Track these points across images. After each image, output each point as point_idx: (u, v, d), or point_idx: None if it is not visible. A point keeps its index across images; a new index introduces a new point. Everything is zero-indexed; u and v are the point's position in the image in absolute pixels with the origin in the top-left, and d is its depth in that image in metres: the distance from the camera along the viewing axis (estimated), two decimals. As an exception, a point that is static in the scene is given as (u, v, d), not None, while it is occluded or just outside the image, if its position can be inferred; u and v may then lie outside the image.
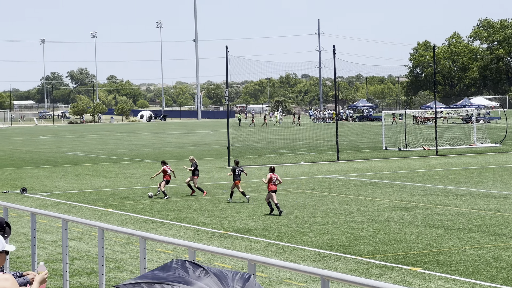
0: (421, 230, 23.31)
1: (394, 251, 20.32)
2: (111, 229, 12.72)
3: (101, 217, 27.50)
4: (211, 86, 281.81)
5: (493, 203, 28.79)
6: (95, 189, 36.22)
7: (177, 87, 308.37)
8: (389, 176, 39.50)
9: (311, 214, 26.92)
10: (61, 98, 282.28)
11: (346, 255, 20.00)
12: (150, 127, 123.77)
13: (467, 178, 37.88)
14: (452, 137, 68.34)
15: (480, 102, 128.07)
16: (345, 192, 33.24)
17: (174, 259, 5.40)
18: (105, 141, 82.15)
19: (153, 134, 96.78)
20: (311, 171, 43.29)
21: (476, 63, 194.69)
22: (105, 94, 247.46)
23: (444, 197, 30.79)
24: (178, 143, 74.65)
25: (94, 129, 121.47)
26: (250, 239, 22.53)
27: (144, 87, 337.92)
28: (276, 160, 51.14)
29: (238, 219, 26.20)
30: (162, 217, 27.22)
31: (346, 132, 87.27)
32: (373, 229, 23.58)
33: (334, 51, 51.51)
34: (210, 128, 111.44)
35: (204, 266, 5.49)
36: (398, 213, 26.77)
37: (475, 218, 25.32)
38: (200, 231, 24.13)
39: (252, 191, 34.07)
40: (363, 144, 67.11)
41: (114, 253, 20.24)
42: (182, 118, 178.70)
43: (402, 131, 63.21)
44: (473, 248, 20.42)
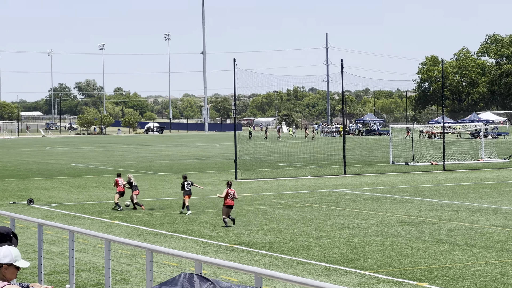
0: (428, 245, 23.22)
1: (400, 266, 20.24)
2: (118, 241, 12.69)
3: (107, 229, 27.48)
4: (218, 99, 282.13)
5: (501, 218, 28.68)
6: (101, 201, 36.22)
7: (185, 99, 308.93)
8: (396, 191, 39.40)
9: (317, 228, 26.85)
10: (68, 109, 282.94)
11: (352, 269, 19.92)
12: (157, 140, 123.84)
13: (474, 193, 37.77)
14: (460, 152, 68.21)
15: (488, 117, 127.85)
16: (352, 206, 33.16)
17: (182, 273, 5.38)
18: (111, 153, 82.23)
19: (159, 147, 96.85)
20: (318, 184, 43.23)
21: (484, 78, 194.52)
22: (112, 106, 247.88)
23: (452, 212, 30.69)
24: (185, 155, 74.66)
25: (101, 141, 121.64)
26: (257, 253, 22.47)
27: (151, 99, 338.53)
28: (283, 173, 51.11)
29: (244, 232, 26.15)
30: (168, 229, 27.18)
31: (353, 146, 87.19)
32: (379, 244, 23.49)
33: (342, 65, 51.55)
34: (217, 141, 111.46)
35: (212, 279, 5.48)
36: (405, 228, 26.68)
37: (483, 233, 25.22)
38: (207, 244, 24.08)
39: (259, 204, 34.04)
40: (370, 158, 67.02)
41: (120, 265, 20.21)
42: (189, 130, 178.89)
43: (410, 146, 63.12)
44: (480, 264, 20.32)
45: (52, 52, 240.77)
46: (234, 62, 47.76)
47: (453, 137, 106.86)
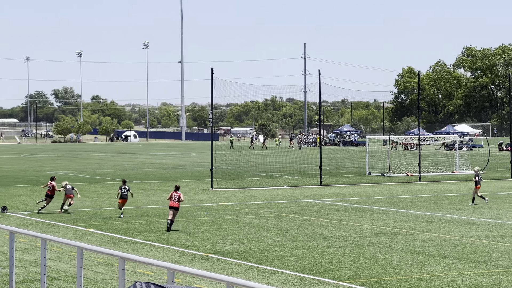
0: (402, 256, 23.34)
1: (375, 277, 20.32)
2: (90, 249, 12.66)
3: (82, 237, 27.38)
4: (195, 108, 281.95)
5: (474, 230, 28.88)
6: (76, 209, 36.06)
7: (162, 108, 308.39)
8: (371, 202, 39.56)
9: (292, 238, 26.90)
10: (45, 116, 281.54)
11: (327, 279, 19.98)
12: (135, 148, 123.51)
13: (448, 204, 37.99)
14: (435, 164, 68.55)
15: (463, 129, 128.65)
16: (327, 216, 33.25)
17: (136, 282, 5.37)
18: (88, 160, 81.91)
19: (136, 155, 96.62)
20: (294, 195, 43.30)
21: (460, 90, 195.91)
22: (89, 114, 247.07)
23: (426, 223, 30.86)
24: (161, 164, 74.52)
25: (78, 148, 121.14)
26: (231, 262, 22.48)
27: (129, 107, 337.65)
28: (259, 183, 51.14)
29: (219, 242, 26.15)
30: (144, 238, 27.13)
31: (330, 157, 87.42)
32: (354, 254, 23.58)
33: (319, 75, 51.71)
34: (194, 150, 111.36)
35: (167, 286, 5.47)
36: (380, 238, 26.79)
37: (456, 244, 25.38)
38: (182, 253, 24.06)
39: (235, 214, 34.05)
40: (347, 169, 67.23)
41: (94, 273, 20.14)
42: (167, 139, 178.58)
43: (386, 157, 63.38)
44: (453, 275, 20.45)
45: (29, 59, 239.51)
46: (211, 72, 47.80)
47: (429, 149, 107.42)
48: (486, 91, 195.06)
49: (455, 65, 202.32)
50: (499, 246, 25.19)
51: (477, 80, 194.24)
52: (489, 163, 66.05)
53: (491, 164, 67.23)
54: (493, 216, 33.28)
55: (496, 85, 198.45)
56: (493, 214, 34.02)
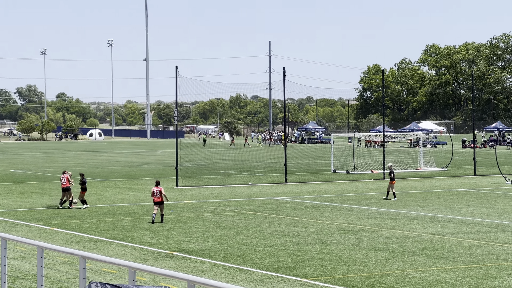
0: (366, 253, 23.47)
1: (339, 274, 20.42)
2: (51, 248, 12.58)
3: (46, 235, 27.19)
4: (161, 106, 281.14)
5: (437, 226, 29.13)
6: (40, 208, 35.81)
7: (128, 106, 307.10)
8: (336, 199, 39.72)
9: (257, 236, 26.94)
10: (8, 114, 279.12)
11: (291, 277, 20.04)
12: (99, 146, 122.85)
13: (413, 201, 38.27)
14: (400, 161, 68.98)
15: (427, 126, 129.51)
16: (292, 214, 33.33)
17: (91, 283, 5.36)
18: (52, 159, 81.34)
19: (101, 153, 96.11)
20: (259, 192, 43.35)
21: (424, 88, 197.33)
22: (53, 112, 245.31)
23: (390, 220, 31.06)
24: (127, 162, 74.22)
25: (42, 147, 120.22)
26: (196, 260, 22.46)
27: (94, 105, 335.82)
28: (224, 181, 51.13)
29: (184, 240, 26.12)
30: (108, 236, 27.01)
31: (295, 154, 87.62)
32: (319, 252, 23.67)
33: (284, 73, 51.80)
34: (159, 148, 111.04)
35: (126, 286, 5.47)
36: (344, 235, 26.92)
37: (420, 241, 25.58)
38: (146, 251, 23.99)
39: (200, 211, 34.03)
40: (312, 166, 67.43)
41: (57, 272, 20.02)
42: (132, 137, 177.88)
43: (351, 154, 63.67)
44: (417, 271, 20.61)
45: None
46: (176, 69, 47.67)
47: (394, 146, 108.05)
48: (450, 89, 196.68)
49: (419, 63, 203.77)
50: (462, 242, 25.43)
51: (440, 77, 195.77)
52: (452, 159, 66.62)
53: (454, 161, 67.84)
54: (456, 212, 33.59)
55: (460, 82, 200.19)
56: (456, 210, 34.34)
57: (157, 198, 30.07)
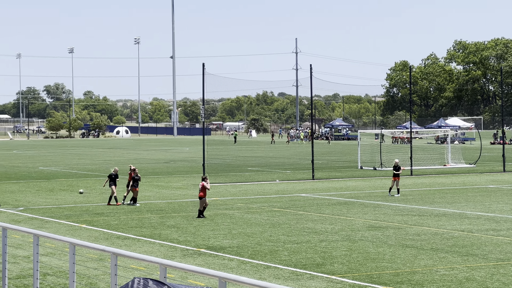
0: (395, 249, 23.38)
1: (367, 271, 20.36)
2: (82, 245, 12.65)
3: (74, 232, 27.35)
4: (187, 103, 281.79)
5: (466, 223, 28.95)
6: (69, 205, 36.04)
7: (154, 103, 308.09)
8: (363, 196, 39.61)
9: (285, 233, 26.92)
10: (36, 112, 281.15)
11: (319, 274, 20.01)
12: (126, 143, 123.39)
13: (441, 198, 38.07)
14: (427, 157, 68.68)
15: (455, 123, 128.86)
16: (319, 211, 33.27)
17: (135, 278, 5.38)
18: (80, 156, 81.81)
19: (128, 150, 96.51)
20: (286, 189, 43.32)
21: (451, 84, 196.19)
22: (79, 110, 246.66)
23: (418, 217, 30.92)
24: (153, 159, 74.47)
25: (70, 144, 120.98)
26: (224, 257, 22.49)
27: (120, 103, 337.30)
28: (251, 178, 51.15)
29: (212, 237, 26.16)
30: (136, 233, 27.12)
31: (322, 151, 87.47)
32: (347, 248, 23.62)
33: (311, 69, 51.69)
34: (186, 145, 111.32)
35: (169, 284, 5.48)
36: (372, 232, 26.84)
37: (448, 238, 25.44)
38: (174, 248, 24.06)
39: (227, 209, 34.07)
40: (339, 163, 67.28)
41: (86, 269, 20.14)
42: (158, 134, 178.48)
43: (378, 151, 63.45)
44: (446, 268, 20.50)
45: (21, 55, 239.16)
46: (203, 67, 47.75)
47: (421, 142, 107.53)
48: (478, 85, 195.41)
49: (446, 59, 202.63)
50: (491, 239, 25.26)
51: (469, 73, 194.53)
52: (481, 156, 66.21)
53: (483, 157, 67.39)
54: (485, 209, 33.37)
55: (488, 78, 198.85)
56: (485, 207, 34.11)
57: (199, 193, 30.91)
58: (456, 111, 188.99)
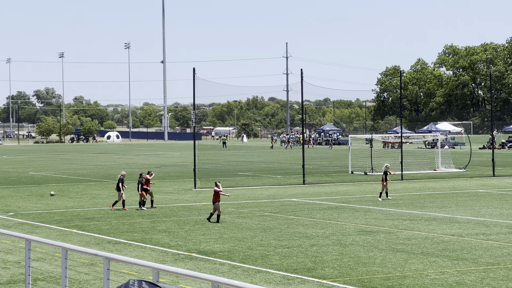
0: (385, 254, 23.45)
1: (358, 275, 20.42)
2: (74, 249, 12.67)
3: (65, 237, 27.33)
4: (178, 108, 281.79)
5: (456, 227, 29.06)
6: (59, 210, 36.00)
7: (144, 108, 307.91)
8: (354, 200, 39.68)
9: (276, 237, 26.97)
10: (27, 117, 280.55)
11: (310, 278, 20.06)
12: (117, 148, 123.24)
13: (431, 202, 38.18)
14: (417, 162, 68.84)
15: (445, 127, 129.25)
16: (310, 215, 33.33)
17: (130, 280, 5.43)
18: (71, 161, 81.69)
19: (119, 155, 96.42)
20: (277, 194, 43.38)
21: (441, 89, 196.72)
22: (70, 115, 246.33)
23: (409, 221, 31.01)
24: (144, 164, 74.41)
25: (60, 149, 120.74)
26: (215, 261, 22.52)
27: (111, 108, 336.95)
28: (242, 182, 51.19)
29: (203, 241, 26.19)
30: (127, 238, 27.12)
31: (313, 156, 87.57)
32: (337, 253, 23.67)
33: (301, 74, 51.76)
34: (177, 150, 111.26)
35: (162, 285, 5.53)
36: (363, 237, 26.90)
37: (439, 242, 25.53)
38: (165, 253, 24.08)
39: (217, 214, 34.09)
40: (329, 168, 67.38)
41: (78, 274, 20.13)
42: (149, 139, 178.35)
43: (368, 155, 63.59)
44: (436, 273, 20.58)
45: (11, 60, 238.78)
46: (193, 71, 47.82)
47: (411, 147, 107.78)
48: (468, 90, 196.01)
49: (436, 64, 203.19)
50: (482, 243, 25.36)
51: (458, 78, 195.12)
52: (471, 161, 66.39)
53: (473, 162, 67.59)
54: (475, 213, 33.49)
55: (478, 83, 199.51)
56: (475, 211, 34.23)
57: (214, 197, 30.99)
58: (446, 116, 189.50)
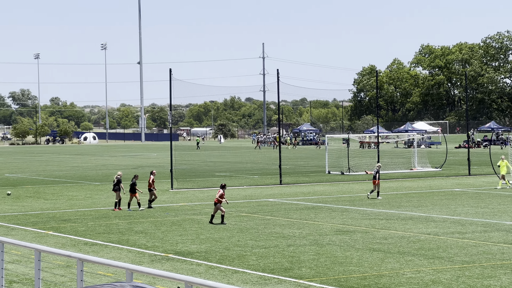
0: (362, 253, 23.52)
1: (335, 274, 20.46)
2: (48, 251, 12.60)
3: (41, 239, 27.19)
4: (155, 109, 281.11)
5: (432, 226, 29.19)
6: (36, 212, 35.80)
7: (121, 109, 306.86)
8: (331, 200, 39.76)
9: (253, 238, 26.97)
10: (2, 119, 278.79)
11: (287, 278, 20.07)
12: (94, 150, 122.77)
13: (407, 202, 38.33)
14: (394, 162, 69.08)
15: (422, 127, 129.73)
16: (287, 215, 33.35)
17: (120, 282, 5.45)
18: (47, 163, 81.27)
19: (96, 156, 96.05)
20: (253, 194, 43.38)
21: (417, 88, 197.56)
22: (46, 116, 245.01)
23: (385, 220, 31.11)
24: (121, 165, 74.17)
25: (36, 151, 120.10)
26: (192, 262, 22.49)
27: (88, 109, 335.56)
28: (219, 183, 51.04)
29: (180, 242, 26.14)
30: (104, 239, 27.01)
31: (289, 156, 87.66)
32: (314, 253, 23.71)
33: (278, 74, 51.80)
34: (154, 151, 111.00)
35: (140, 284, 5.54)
36: (340, 236, 26.96)
37: (415, 241, 25.64)
38: (142, 254, 24.01)
39: (195, 214, 34.05)
40: (306, 168, 67.47)
41: (54, 276, 20.03)
42: (126, 140, 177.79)
43: (345, 156, 63.75)
44: (412, 271, 20.66)
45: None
46: (170, 72, 47.72)
47: (388, 147, 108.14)
48: (443, 89, 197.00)
49: (412, 63, 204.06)
50: (457, 242, 25.50)
51: (434, 78, 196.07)
52: (447, 160, 66.73)
53: (449, 161, 67.93)
54: (451, 212, 33.66)
55: (453, 83, 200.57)
56: (451, 210, 34.41)
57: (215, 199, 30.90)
58: (423, 115, 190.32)
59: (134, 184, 35.80)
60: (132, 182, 35.90)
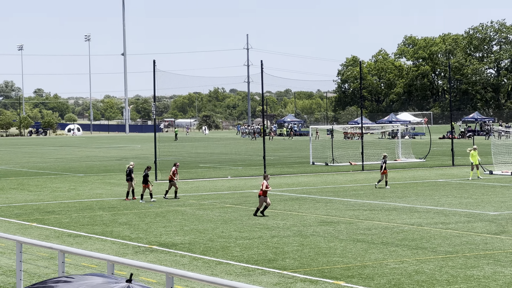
0: (346, 244, 23.58)
1: (318, 265, 20.51)
2: (29, 242, 12.58)
3: (25, 231, 27.11)
4: (139, 100, 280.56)
5: (416, 217, 29.30)
6: (19, 203, 35.69)
7: (105, 101, 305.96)
8: (315, 191, 39.83)
9: (237, 229, 26.99)
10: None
11: (271, 269, 20.10)
12: (78, 141, 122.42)
13: (391, 192, 38.45)
14: (378, 152, 69.22)
15: (406, 118, 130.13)
16: (271, 206, 33.33)
17: None
18: (30, 154, 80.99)
19: (80, 148, 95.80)
20: (238, 185, 43.40)
21: (401, 79, 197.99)
22: (30, 108, 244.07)
23: (369, 211, 31.21)
24: (105, 156, 74.03)
25: (20, 142, 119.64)
26: (176, 253, 22.48)
27: (72, 100, 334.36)
28: (203, 174, 51.13)
29: (164, 233, 26.13)
30: (88, 231, 26.97)
31: (274, 147, 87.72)
32: (298, 244, 23.75)
33: (262, 65, 51.73)
34: (138, 142, 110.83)
35: None
36: (324, 227, 27.02)
37: (398, 232, 25.73)
38: (126, 245, 23.99)
39: (179, 205, 34.03)
40: (291, 159, 67.53)
41: (37, 267, 19.99)
42: (110, 132, 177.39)
43: (330, 146, 63.85)
44: (396, 262, 20.74)
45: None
46: (154, 64, 47.62)
47: (372, 138, 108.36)
48: (427, 80, 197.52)
49: (396, 54, 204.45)
50: (440, 232, 25.61)
51: (418, 69, 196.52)
52: (430, 150, 66.94)
53: (432, 152, 68.16)
54: (434, 203, 33.79)
55: (437, 74, 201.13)
56: (434, 201, 34.54)
57: (259, 191, 30.44)
58: (407, 106, 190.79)
59: (146, 175, 35.97)
60: (144, 174, 36.06)
